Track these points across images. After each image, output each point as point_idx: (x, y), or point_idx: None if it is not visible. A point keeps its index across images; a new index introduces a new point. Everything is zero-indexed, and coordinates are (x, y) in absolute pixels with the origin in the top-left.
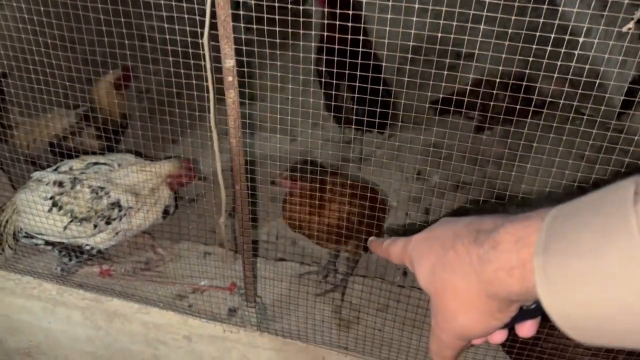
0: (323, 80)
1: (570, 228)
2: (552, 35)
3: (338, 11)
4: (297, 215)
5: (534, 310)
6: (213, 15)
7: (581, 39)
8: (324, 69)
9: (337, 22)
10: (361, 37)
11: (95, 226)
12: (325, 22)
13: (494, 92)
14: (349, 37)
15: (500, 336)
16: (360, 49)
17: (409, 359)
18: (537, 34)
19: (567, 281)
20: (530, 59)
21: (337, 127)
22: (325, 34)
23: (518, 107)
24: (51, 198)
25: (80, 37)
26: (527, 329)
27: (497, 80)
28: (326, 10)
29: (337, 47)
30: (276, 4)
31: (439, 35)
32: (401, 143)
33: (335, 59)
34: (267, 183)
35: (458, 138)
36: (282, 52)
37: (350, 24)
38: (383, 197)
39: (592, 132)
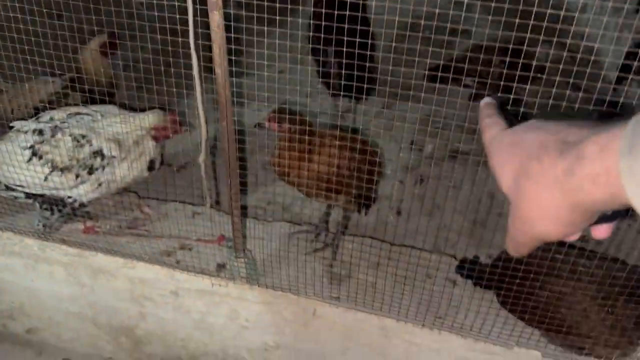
0: (311, 46)
1: None
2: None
3: None
4: (285, 162)
5: (610, 215)
6: None
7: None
8: (311, 33)
9: None
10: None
11: (77, 176)
12: None
13: (492, 57)
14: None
15: (574, 238)
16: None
17: (401, 311)
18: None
19: None
20: (531, 22)
21: (329, 96)
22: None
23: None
24: (31, 147)
25: (66, 2)
26: (602, 231)
27: (496, 44)
28: None
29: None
30: None
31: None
32: (395, 111)
33: (323, 24)
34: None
35: (454, 107)
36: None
37: None
38: (375, 150)
39: (588, 108)
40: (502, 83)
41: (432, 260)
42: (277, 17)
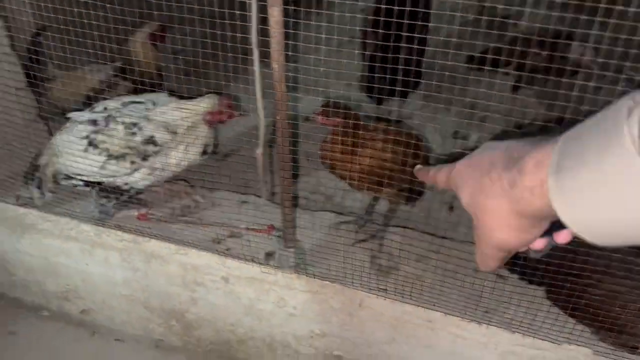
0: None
1: (577, 146)
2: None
3: None
4: (334, 155)
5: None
6: None
7: None
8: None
9: None
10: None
11: (132, 162)
12: None
13: (531, 50)
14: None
15: (540, 244)
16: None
17: (448, 305)
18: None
19: (576, 192)
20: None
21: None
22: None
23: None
24: (86, 137)
25: None
26: (562, 236)
27: (535, 38)
28: None
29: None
30: None
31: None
32: (438, 104)
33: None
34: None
35: (495, 97)
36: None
37: None
38: (426, 145)
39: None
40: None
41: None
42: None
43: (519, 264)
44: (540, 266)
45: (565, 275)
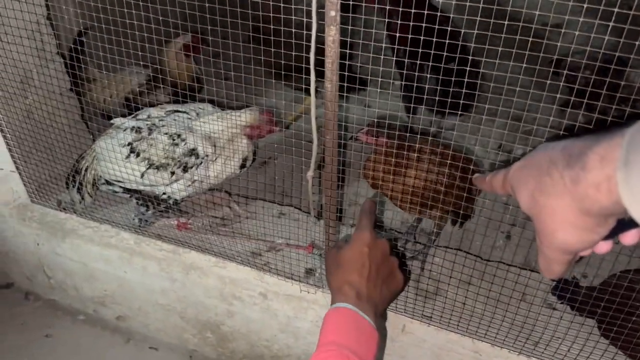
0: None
1: None
2: None
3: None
4: (377, 174)
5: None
6: None
7: None
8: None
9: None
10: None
11: (172, 174)
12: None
13: (579, 74)
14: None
15: (605, 247)
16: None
17: (497, 336)
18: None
19: None
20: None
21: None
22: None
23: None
24: (129, 144)
25: None
26: (630, 237)
27: (583, 62)
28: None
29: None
30: None
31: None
32: (483, 115)
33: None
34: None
35: (541, 111)
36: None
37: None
38: (477, 167)
39: None
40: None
41: (528, 281)
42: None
43: (569, 293)
44: (592, 294)
45: (621, 309)
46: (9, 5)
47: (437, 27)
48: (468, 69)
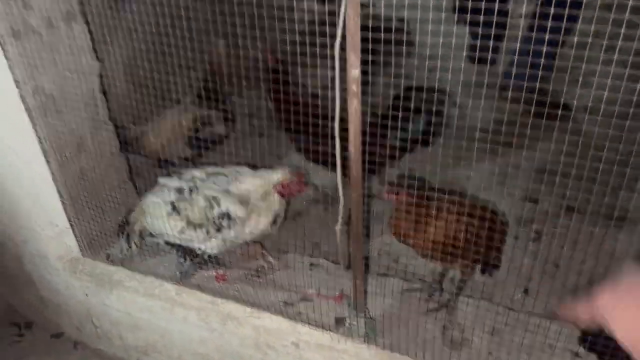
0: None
1: None
2: None
3: None
4: (401, 228)
5: None
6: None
7: None
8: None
9: None
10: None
11: (207, 232)
12: None
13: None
14: None
15: None
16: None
17: None
18: None
19: None
20: None
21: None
22: None
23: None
24: (172, 203)
25: None
26: None
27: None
28: None
29: None
30: None
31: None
32: (510, 163)
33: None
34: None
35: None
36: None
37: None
38: (502, 219)
39: None
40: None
41: (553, 329)
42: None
43: (597, 343)
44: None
45: None
46: (70, 80)
47: None
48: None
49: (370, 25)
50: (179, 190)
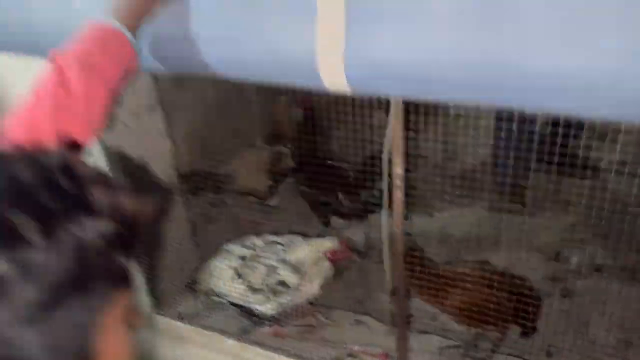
0: None
1: None
2: None
3: None
4: (425, 297)
5: None
6: None
7: None
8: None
9: None
10: None
11: (265, 297)
12: None
13: None
14: None
15: None
16: None
17: None
18: None
19: None
20: None
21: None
22: None
23: None
24: (235, 267)
25: None
26: None
27: None
28: None
29: None
30: None
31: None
32: (538, 222)
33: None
34: None
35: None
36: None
37: None
38: (530, 286)
39: None
40: None
41: None
42: None
43: None
44: None
45: None
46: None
47: None
48: None
49: None
50: (242, 258)
